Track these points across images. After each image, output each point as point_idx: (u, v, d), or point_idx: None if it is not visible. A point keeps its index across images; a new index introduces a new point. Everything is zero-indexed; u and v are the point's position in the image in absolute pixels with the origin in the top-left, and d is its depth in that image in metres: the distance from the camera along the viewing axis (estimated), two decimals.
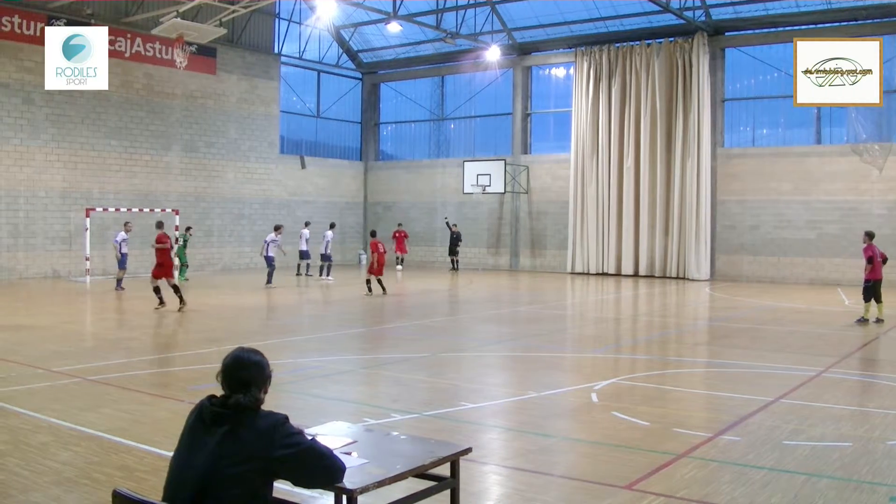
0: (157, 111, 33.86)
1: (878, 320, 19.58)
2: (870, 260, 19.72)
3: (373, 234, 27.85)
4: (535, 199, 38.57)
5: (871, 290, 19.60)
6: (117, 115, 32.44)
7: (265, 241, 28.48)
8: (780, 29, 32.45)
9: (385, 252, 25.66)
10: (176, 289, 20.74)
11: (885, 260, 20.23)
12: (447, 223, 39.29)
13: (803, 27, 31.85)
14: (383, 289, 25.08)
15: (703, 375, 13.59)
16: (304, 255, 32.60)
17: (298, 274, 33.14)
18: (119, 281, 26.73)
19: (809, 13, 31.54)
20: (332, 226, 33.55)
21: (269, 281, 27.33)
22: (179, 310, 20.33)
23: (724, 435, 8.94)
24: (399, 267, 38.27)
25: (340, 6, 34.01)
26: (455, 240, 38.21)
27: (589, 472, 7.82)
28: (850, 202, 31.12)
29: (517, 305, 24.90)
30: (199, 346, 15.27)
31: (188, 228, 31.54)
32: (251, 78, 37.51)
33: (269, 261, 27.81)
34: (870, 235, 20.43)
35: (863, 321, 19.61)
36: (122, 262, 27.08)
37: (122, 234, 27.36)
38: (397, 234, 39.10)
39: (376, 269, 25.13)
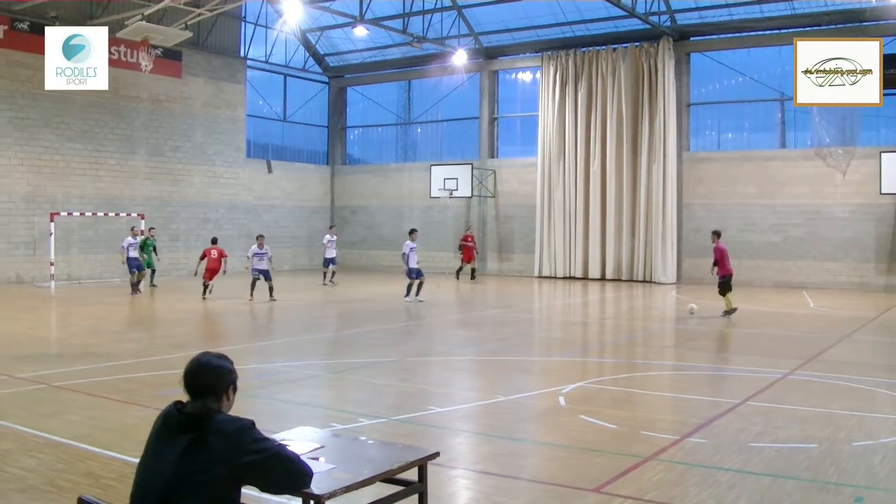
0: (123, 115, 33.59)
1: (731, 311, 21.09)
2: (716, 263, 21.34)
3: (213, 241, 26.69)
4: (502, 203, 38.62)
5: (727, 285, 21.14)
6: (82, 119, 32.15)
7: (248, 256, 25.70)
8: (745, 34, 32.68)
9: (217, 258, 25.25)
10: None
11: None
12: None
13: (767, 32, 32.14)
14: (205, 291, 25.10)
15: (670, 378, 13.66)
16: (327, 262, 31.92)
17: (325, 283, 31.41)
18: (134, 285, 26.90)
19: (773, 18, 31.81)
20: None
21: (262, 292, 24.96)
22: None
23: (691, 437, 8.99)
24: (472, 280, 34.54)
25: (307, 10, 33.91)
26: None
27: (557, 475, 7.84)
28: (814, 206, 31.41)
29: (484, 309, 24.92)
30: (166, 351, 15.16)
31: (150, 229, 30.80)
32: (217, 81, 37.31)
33: (261, 274, 24.99)
34: (717, 234, 21.98)
35: (729, 312, 21.02)
36: (130, 266, 26.97)
37: (129, 239, 27.29)
38: (466, 239, 35.80)
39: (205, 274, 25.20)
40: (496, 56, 38.84)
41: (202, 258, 25.69)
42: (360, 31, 36.61)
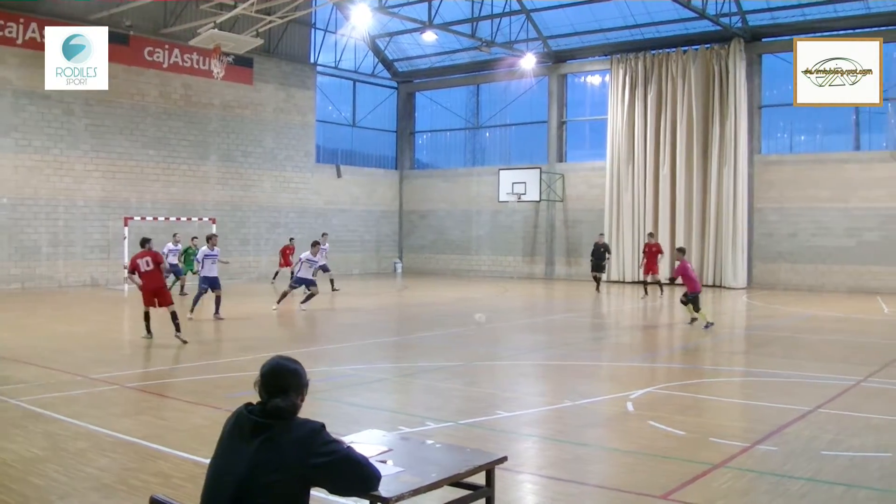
0: (195, 121, 34.15)
1: (694, 320, 20.37)
2: (672, 280, 21.29)
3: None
4: (570, 207, 38.46)
5: (697, 300, 20.26)
6: (155, 126, 32.75)
7: (300, 259, 24.30)
8: (818, 34, 32.01)
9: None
10: None
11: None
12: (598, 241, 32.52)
13: (841, 32, 31.44)
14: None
15: (740, 385, 13.50)
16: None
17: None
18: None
19: (847, 18, 31.19)
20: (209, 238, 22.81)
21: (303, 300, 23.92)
22: None
23: (760, 445, 8.87)
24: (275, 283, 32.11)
25: (376, 16, 34.12)
26: (600, 253, 31.95)
27: (624, 481, 7.79)
28: (890, 209, 30.66)
29: (552, 314, 24.84)
30: (235, 354, 15.36)
31: (193, 238, 29.16)
32: (287, 88, 37.73)
33: (301, 282, 23.84)
34: (682, 251, 21.51)
35: (709, 325, 19.93)
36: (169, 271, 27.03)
37: (170, 245, 27.33)
38: (285, 250, 32.37)
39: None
40: (565, 59, 38.73)
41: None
42: (429, 36, 36.82)
